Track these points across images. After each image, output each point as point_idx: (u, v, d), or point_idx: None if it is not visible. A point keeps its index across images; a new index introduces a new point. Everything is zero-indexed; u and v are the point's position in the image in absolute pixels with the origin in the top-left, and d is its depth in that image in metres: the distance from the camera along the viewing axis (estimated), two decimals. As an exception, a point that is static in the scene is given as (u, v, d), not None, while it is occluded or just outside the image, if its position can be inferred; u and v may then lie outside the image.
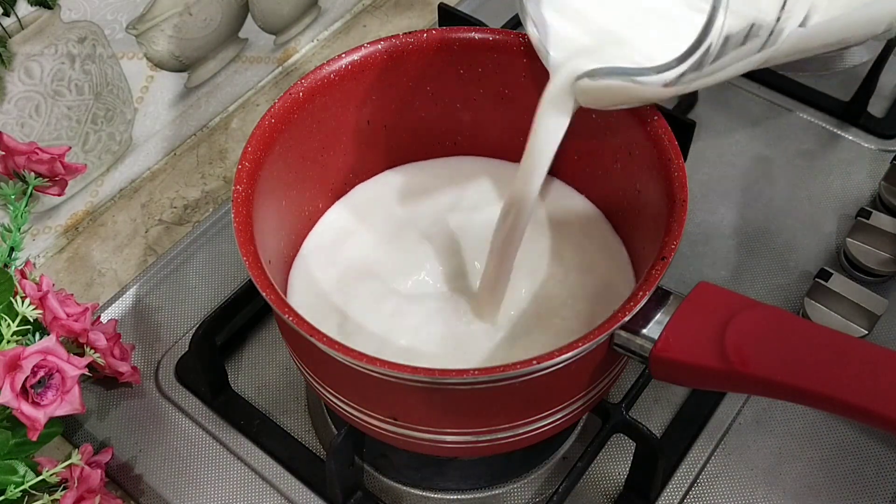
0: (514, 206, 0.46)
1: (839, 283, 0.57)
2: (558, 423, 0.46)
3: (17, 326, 0.48)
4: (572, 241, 0.53)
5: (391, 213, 0.55)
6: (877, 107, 0.71)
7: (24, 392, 0.45)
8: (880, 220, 0.61)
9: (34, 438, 0.46)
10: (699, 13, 0.37)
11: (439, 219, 0.54)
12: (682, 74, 0.38)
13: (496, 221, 0.48)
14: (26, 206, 0.55)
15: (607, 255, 0.52)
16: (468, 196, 0.56)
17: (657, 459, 0.50)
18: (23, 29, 0.56)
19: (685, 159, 0.47)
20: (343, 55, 0.51)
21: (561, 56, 0.44)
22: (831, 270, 0.58)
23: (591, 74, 0.43)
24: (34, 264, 0.64)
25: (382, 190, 0.56)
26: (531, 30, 0.46)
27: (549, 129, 0.45)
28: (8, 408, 0.45)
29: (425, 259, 0.52)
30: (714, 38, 0.36)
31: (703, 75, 0.38)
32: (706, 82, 0.40)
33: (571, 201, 0.55)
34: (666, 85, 0.39)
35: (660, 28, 0.43)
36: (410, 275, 0.52)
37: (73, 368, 0.46)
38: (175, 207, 0.69)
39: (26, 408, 0.45)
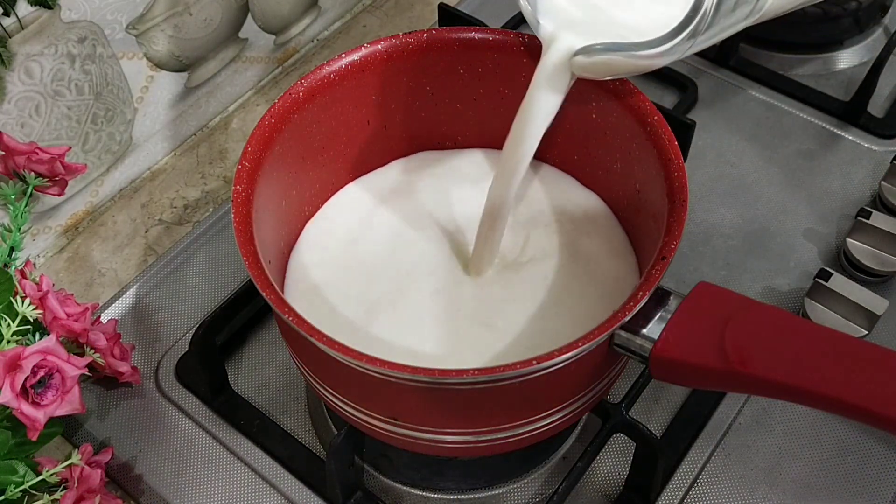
0: (497, 200, 0.48)
1: (839, 283, 0.57)
2: (558, 423, 0.46)
3: (17, 326, 0.48)
4: (580, 238, 0.53)
5: (386, 206, 0.55)
6: (877, 107, 0.71)
7: (24, 392, 0.45)
8: (880, 220, 0.61)
9: (34, 438, 0.46)
10: None
11: (438, 210, 0.54)
12: (677, 45, 0.39)
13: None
14: (26, 206, 0.55)
15: (614, 251, 0.52)
16: (466, 186, 0.55)
17: (657, 459, 0.50)
18: (23, 29, 0.56)
19: (685, 159, 0.47)
20: (343, 55, 0.51)
21: (553, 27, 0.44)
22: (831, 270, 0.58)
23: (587, 51, 0.43)
24: (34, 264, 0.64)
25: (376, 183, 0.56)
26: (523, 2, 0.46)
27: (542, 106, 0.45)
28: (8, 408, 0.45)
29: (424, 252, 0.52)
30: (707, 7, 0.37)
31: (697, 43, 0.38)
32: (700, 47, 0.40)
33: (582, 198, 0.55)
34: (662, 55, 0.40)
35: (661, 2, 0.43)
36: (408, 269, 0.51)
37: (73, 368, 0.46)
38: (175, 207, 0.69)
39: (26, 408, 0.45)
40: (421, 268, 0.52)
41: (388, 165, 0.57)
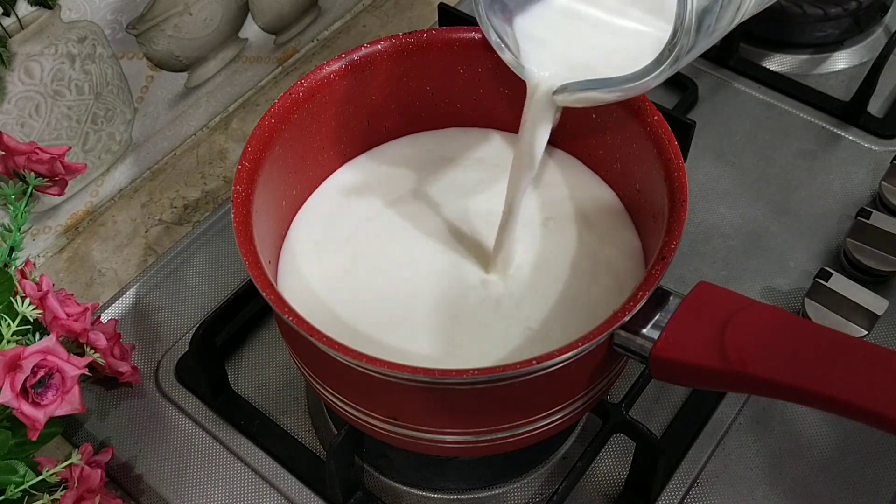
0: (509, 203, 0.48)
1: (839, 283, 0.57)
2: (558, 423, 0.46)
3: (18, 326, 0.48)
4: (593, 232, 0.52)
5: (377, 198, 0.54)
6: (877, 107, 0.71)
7: (24, 392, 0.45)
8: (880, 220, 0.61)
9: (34, 438, 0.46)
10: (658, 26, 0.39)
11: (436, 202, 0.53)
12: (661, 73, 0.39)
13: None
14: (26, 205, 0.55)
15: (624, 248, 0.51)
16: (467, 174, 0.55)
17: (657, 459, 0.50)
18: (23, 29, 0.56)
19: (685, 159, 0.47)
20: (343, 55, 0.51)
21: (536, 70, 0.45)
22: (831, 270, 0.58)
23: (566, 89, 0.44)
24: (34, 264, 0.64)
25: (365, 174, 0.55)
26: (507, 55, 0.46)
27: (536, 138, 0.46)
28: (8, 408, 0.45)
29: (422, 248, 0.51)
30: (684, 38, 0.37)
31: (681, 64, 0.39)
32: (683, 66, 0.40)
33: (599, 192, 0.55)
34: (646, 84, 0.40)
35: (625, 40, 0.44)
36: (407, 267, 0.51)
37: (73, 368, 0.46)
38: (175, 207, 0.69)
39: (26, 408, 0.45)
40: (420, 266, 0.51)
41: (380, 151, 0.56)
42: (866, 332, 0.57)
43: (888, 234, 0.60)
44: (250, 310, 0.60)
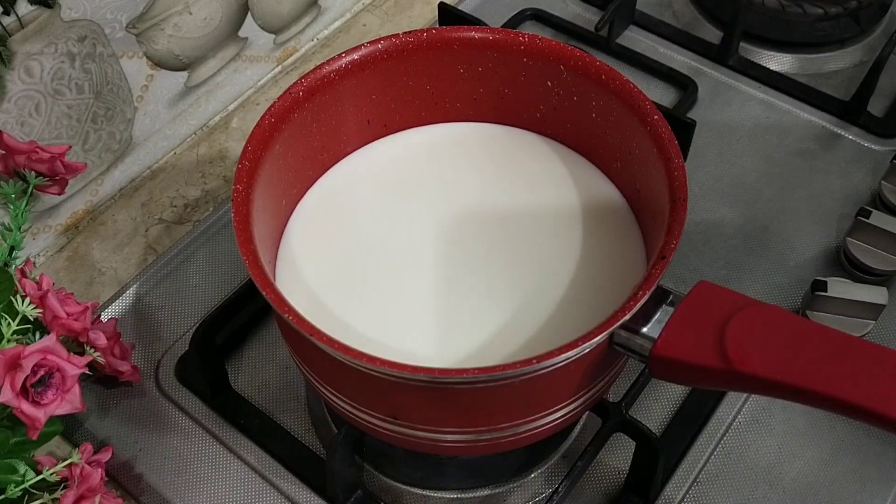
0: None
1: (839, 283, 0.57)
2: (558, 422, 0.46)
3: (18, 325, 0.48)
4: (594, 230, 0.52)
5: (377, 197, 0.54)
6: (877, 107, 0.71)
7: (24, 391, 0.45)
8: (880, 219, 0.61)
9: (34, 437, 0.46)
10: None
11: (431, 201, 0.53)
12: None
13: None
14: (26, 205, 0.55)
15: (625, 247, 0.51)
16: (460, 173, 0.54)
17: (657, 458, 0.50)
18: (23, 28, 0.56)
19: (685, 159, 0.47)
20: (343, 54, 0.51)
21: None
22: (831, 271, 0.58)
23: None
24: (34, 263, 0.64)
25: (364, 174, 0.55)
26: None
27: None
28: (8, 407, 0.45)
29: (421, 245, 0.51)
30: None
31: None
32: None
33: (601, 190, 0.54)
34: None
35: None
36: (405, 264, 0.51)
37: (74, 367, 0.46)
38: (175, 206, 0.69)
39: (27, 407, 0.45)
40: (419, 264, 0.51)
41: (380, 150, 0.56)
42: (873, 322, 0.57)
43: (888, 233, 0.60)
44: (250, 309, 0.60)
